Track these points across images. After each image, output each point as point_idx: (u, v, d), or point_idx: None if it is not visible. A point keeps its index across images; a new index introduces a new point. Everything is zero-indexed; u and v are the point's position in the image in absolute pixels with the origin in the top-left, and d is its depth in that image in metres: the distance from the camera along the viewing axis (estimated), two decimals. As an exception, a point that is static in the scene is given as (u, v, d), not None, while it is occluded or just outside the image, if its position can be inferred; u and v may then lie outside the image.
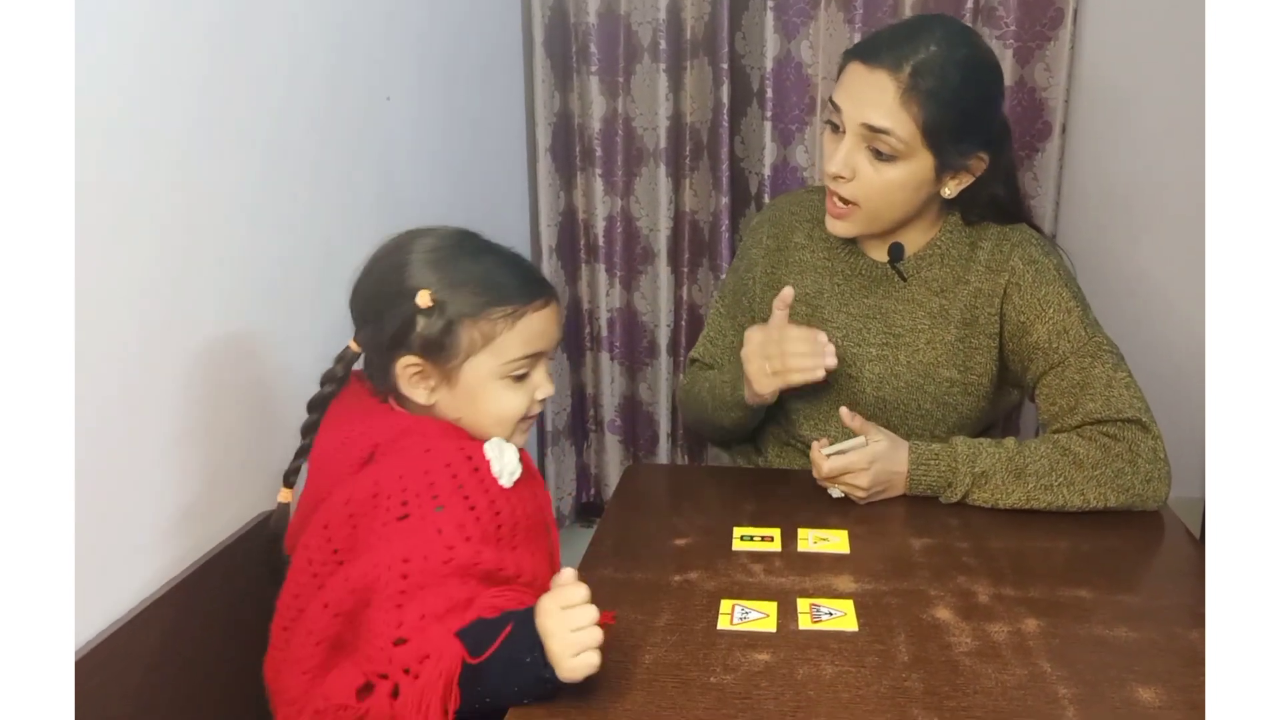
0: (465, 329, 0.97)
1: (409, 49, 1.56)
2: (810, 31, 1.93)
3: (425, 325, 0.96)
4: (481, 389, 0.99)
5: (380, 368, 1.01)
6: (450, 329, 0.97)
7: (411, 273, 0.98)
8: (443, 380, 0.99)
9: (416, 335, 0.97)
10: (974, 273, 1.26)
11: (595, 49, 2.02)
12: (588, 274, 2.20)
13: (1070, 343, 1.20)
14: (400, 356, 0.98)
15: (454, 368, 0.98)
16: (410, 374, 0.98)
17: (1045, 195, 1.93)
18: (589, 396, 2.29)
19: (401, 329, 0.97)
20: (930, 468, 1.17)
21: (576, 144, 2.12)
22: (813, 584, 1.01)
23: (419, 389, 0.99)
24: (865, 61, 1.18)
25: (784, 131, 1.99)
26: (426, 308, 0.96)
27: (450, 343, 0.97)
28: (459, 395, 0.99)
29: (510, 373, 1.00)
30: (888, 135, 1.16)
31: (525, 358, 1.00)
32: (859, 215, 1.23)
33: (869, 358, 1.30)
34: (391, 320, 0.97)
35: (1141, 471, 1.15)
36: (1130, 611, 0.96)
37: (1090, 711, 0.81)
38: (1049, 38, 1.86)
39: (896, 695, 0.83)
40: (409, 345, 0.97)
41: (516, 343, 0.99)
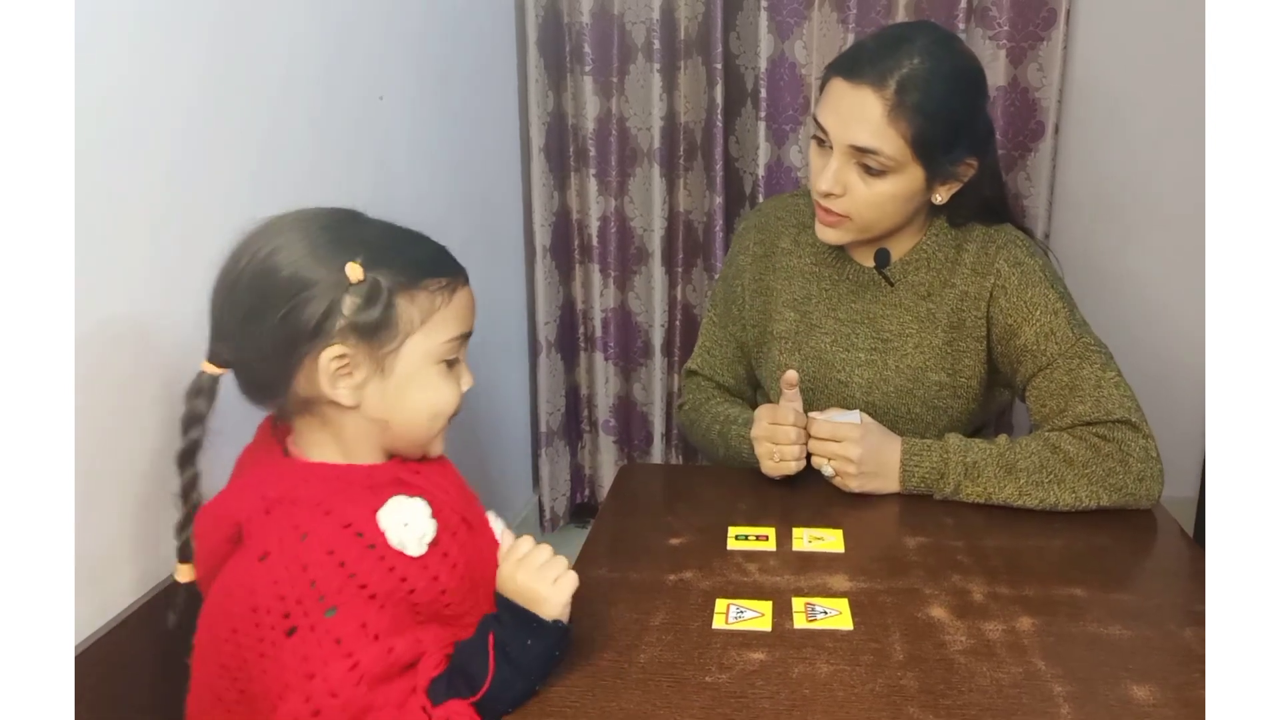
0: (403, 304, 0.85)
1: (405, 49, 1.56)
2: (804, 31, 1.93)
3: (354, 304, 0.83)
4: (417, 376, 0.87)
5: (284, 375, 0.85)
6: (390, 303, 0.84)
7: (316, 249, 0.84)
8: (374, 370, 0.86)
9: (344, 319, 0.83)
10: (960, 276, 1.26)
11: (589, 49, 2.02)
12: (582, 274, 2.20)
13: (1058, 344, 1.20)
14: (320, 350, 0.83)
15: (390, 352, 0.86)
16: (335, 368, 0.84)
17: (1038, 196, 1.94)
18: (583, 397, 2.29)
19: (324, 316, 0.82)
20: (923, 459, 1.18)
21: (570, 144, 2.12)
22: (808, 583, 1.01)
23: (342, 387, 0.85)
24: (848, 78, 1.16)
25: (778, 131, 1.99)
26: (358, 281, 0.83)
27: (390, 319, 0.85)
28: (390, 388, 0.86)
29: (445, 355, 0.89)
30: (876, 154, 1.15)
31: (458, 338, 0.90)
32: (850, 225, 1.23)
33: (858, 363, 1.30)
34: (299, 312, 0.82)
35: (1133, 471, 1.15)
36: (1124, 610, 0.96)
37: (1085, 709, 0.81)
38: (1042, 38, 1.86)
39: (892, 694, 0.83)
40: (331, 334, 0.83)
41: (453, 319, 0.89)
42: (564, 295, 2.22)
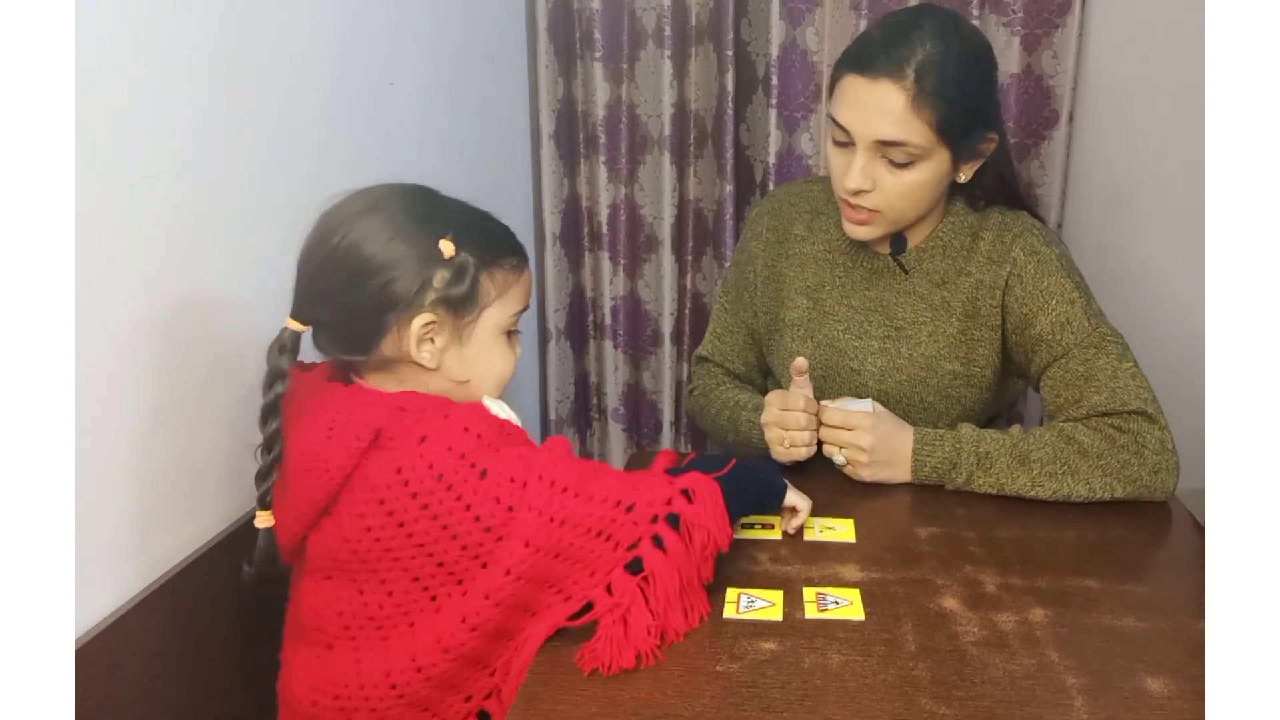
0: (485, 279, 0.96)
1: (415, 34, 1.55)
2: (816, 18, 1.91)
3: (444, 278, 0.93)
4: (489, 345, 0.98)
5: (366, 336, 0.93)
6: (475, 279, 0.95)
7: (407, 227, 0.93)
8: (453, 338, 0.96)
9: (435, 290, 0.93)
10: (975, 264, 1.25)
11: (599, 35, 2.00)
12: (591, 262, 2.20)
13: (1074, 334, 1.19)
14: (412, 317, 0.93)
15: (470, 321, 0.96)
16: (422, 334, 0.94)
17: (1052, 184, 1.92)
18: (592, 385, 2.29)
19: (418, 289, 0.92)
20: (935, 449, 1.17)
21: (580, 131, 2.11)
22: (819, 573, 1.01)
23: (426, 350, 0.94)
24: (864, 74, 1.14)
25: (789, 119, 1.98)
26: (451, 257, 0.93)
27: (474, 293, 0.95)
28: (467, 353, 0.97)
29: (509, 326, 1.00)
30: (904, 145, 1.14)
31: (520, 311, 1.01)
32: (881, 219, 1.21)
33: (871, 351, 1.29)
34: (395, 283, 0.91)
35: (1149, 463, 1.15)
36: (1138, 601, 0.96)
37: (1099, 701, 0.80)
38: (1056, 25, 1.84)
39: (904, 684, 0.83)
40: (422, 303, 0.93)
41: (520, 294, 1.00)
42: (573, 283, 2.21)
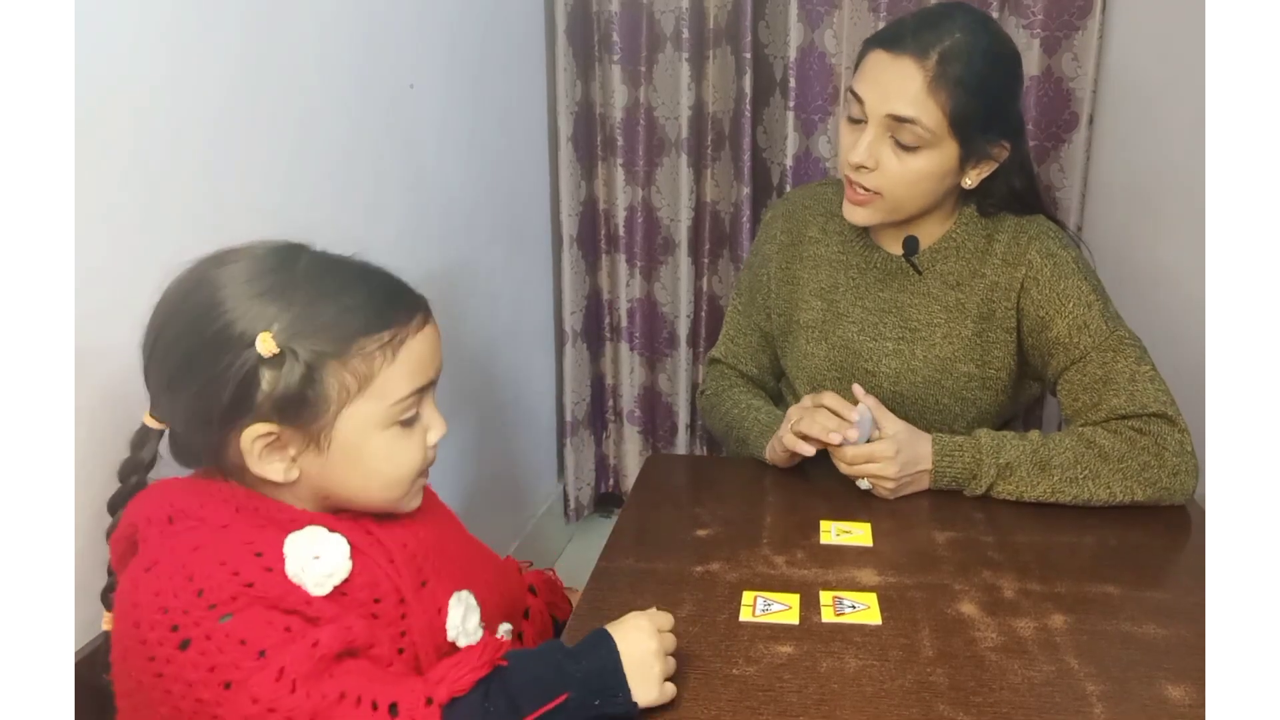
0: (332, 373, 0.75)
1: (436, 38, 1.56)
2: (834, 21, 1.91)
3: (274, 379, 0.74)
4: (364, 445, 0.78)
5: (209, 446, 0.77)
6: (312, 377, 0.74)
7: (235, 311, 0.73)
8: (308, 445, 0.76)
9: (263, 395, 0.74)
10: (990, 266, 1.25)
11: (617, 38, 2.01)
12: (608, 264, 2.20)
13: (1091, 337, 1.18)
14: (244, 427, 0.74)
15: (322, 426, 0.76)
16: (261, 447, 0.75)
17: (1071, 187, 1.91)
18: (608, 387, 2.29)
19: (239, 391, 0.73)
20: (955, 459, 1.16)
21: (598, 133, 2.11)
22: (835, 576, 1.01)
23: (274, 464, 0.76)
24: (889, 49, 1.16)
25: (807, 122, 1.98)
26: (271, 356, 0.73)
27: (315, 395, 0.75)
28: (334, 460, 0.77)
29: (398, 417, 0.79)
30: (914, 124, 1.14)
31: (413, 394, 0.79)
32: (880, 204, 1.21)
33: (885, 352, 1.29)
34: (217, 382, 0.73)
35: (1168, 465, 1.14)
36: (1158, 608, 0.95)
37: (1119, 709, 0.80)
38: (1077, 27, 1.83)
39: (921, 690, 0.82)
40: (251, 410, 0.74)
41: (402, 377, 0.78)
42: (590, 285, 2.22)
